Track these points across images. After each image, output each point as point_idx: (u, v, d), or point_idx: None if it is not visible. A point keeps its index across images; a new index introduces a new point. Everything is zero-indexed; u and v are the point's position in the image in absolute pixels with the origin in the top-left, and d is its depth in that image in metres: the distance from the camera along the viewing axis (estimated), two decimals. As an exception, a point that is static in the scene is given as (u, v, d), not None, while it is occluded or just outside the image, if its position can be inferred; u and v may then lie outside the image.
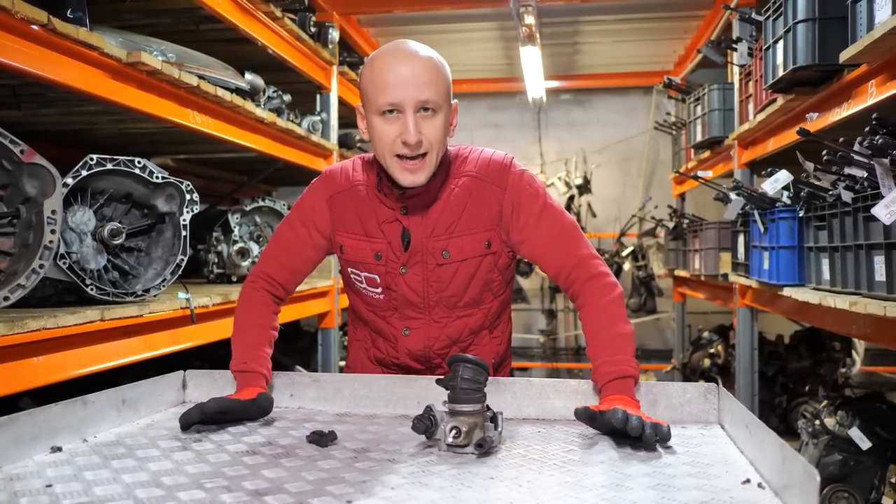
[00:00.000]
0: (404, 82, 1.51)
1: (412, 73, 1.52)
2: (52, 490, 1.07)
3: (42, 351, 1.88)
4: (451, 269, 1.66)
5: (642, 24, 5.57)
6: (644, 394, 1.54)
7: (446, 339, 1.72)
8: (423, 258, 1.66)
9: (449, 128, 1.62)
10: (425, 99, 1.53)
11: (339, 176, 1.73)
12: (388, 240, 1.66)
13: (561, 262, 1.65)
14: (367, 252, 1.68)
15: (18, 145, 1.87)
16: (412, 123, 1.52)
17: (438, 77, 1.56)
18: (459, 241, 1.65)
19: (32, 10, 1.82)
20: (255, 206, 3.54)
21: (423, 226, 1.65)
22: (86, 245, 2.21)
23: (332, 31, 4.07)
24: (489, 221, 1.65)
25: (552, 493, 1.08)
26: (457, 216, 1.65)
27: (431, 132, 1.55)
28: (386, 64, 1.54)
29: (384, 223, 1.67)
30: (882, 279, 2.18)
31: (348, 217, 1.70)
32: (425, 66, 1.54)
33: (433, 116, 1.55)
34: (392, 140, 1.54)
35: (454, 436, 1.27)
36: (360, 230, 1.69)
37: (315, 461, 1.24)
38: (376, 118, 1.56)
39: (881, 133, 2.11)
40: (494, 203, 1.65)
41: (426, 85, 1.53)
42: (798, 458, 0.97)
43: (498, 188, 1.66)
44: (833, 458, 3.06)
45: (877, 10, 2.19)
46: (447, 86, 1.59)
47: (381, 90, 1.53)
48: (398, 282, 1.68)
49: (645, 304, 6.80)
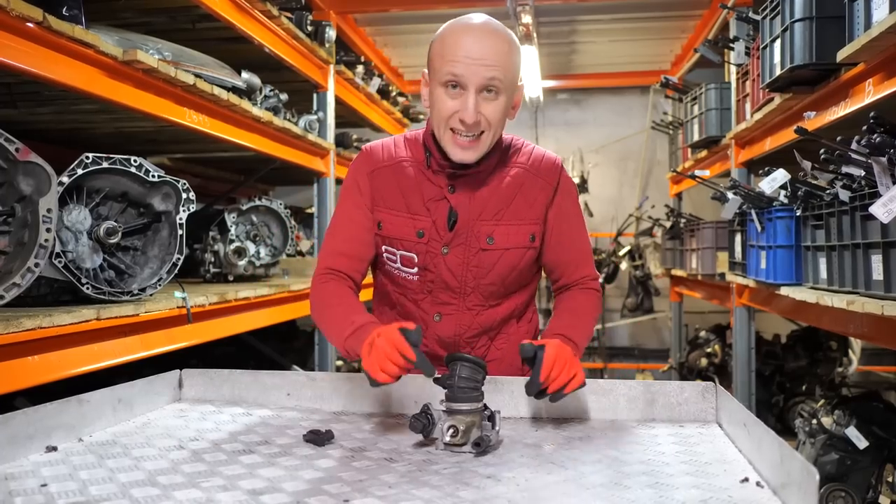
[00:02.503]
0: (472, 59, 1.50)
1: (481, 52, 1.51)
2: (48, 489, 1.07)
3: (37, 350, 1.87)
4: (493, 257, 1.64)
5: (639, 23, 5.57)
6: (642, 393, 1.54)
7: (478, 328, 1.70)
8: (466, 240, 1.63)
9: (510, 111, 1.61)
10: (491, 77, 1.51)
11: (380, 152, 1.70)
12: (433, 218, 1.63)
13: (568, 259, 1.73)
14: (408, 229, 1.64)
15: (14, 143, 1.86)
16: (472, 102, 1.51)
17: (508, 59, 1.54)
18: (506, 229, 1.64)
19: (28, 7, 1.81)
20: (252, 205, 3.53)
21: (471, 207, 1.63)
22: (81, 244, 2.20)
23: (328, 30, 4.06)
24: (536, 215, 1.67)
25: (550, 491, 1.08)
26: (505, 204, 1.64)
27: (491, 113, 1.54)
28: (459, 37, 1.54)
29: (430, 201, 1.64)
30: (879, 278, 2.18)
31: (390, 193, 1.66)
32: (495, 46, 1.53)
33: (495, 98, 1.54)
34: (450, 114, 1.54)
35: (452, 435, 1.27)
36: (402, 206, 1.65)
37: (312, 460, 1.23)
38: (439, 88, 1.55)
39: (879, 131, 2.11)
40: (543, 198, 1.67)
41: (493, 66, 1.51)
42: (797, 457, 0.97)
43: (549, 185, 1.68)
44: (830, 458, 3.06)
45: (874, 8, 2.19)
46: (515, 68, 1.58)
47: (448, 62, 1.52)
48: (438, 263, 1.64)
49: (642, 303, 6.80)
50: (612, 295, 7.26)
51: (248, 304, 3.05)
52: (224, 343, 3.38)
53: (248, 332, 3.32)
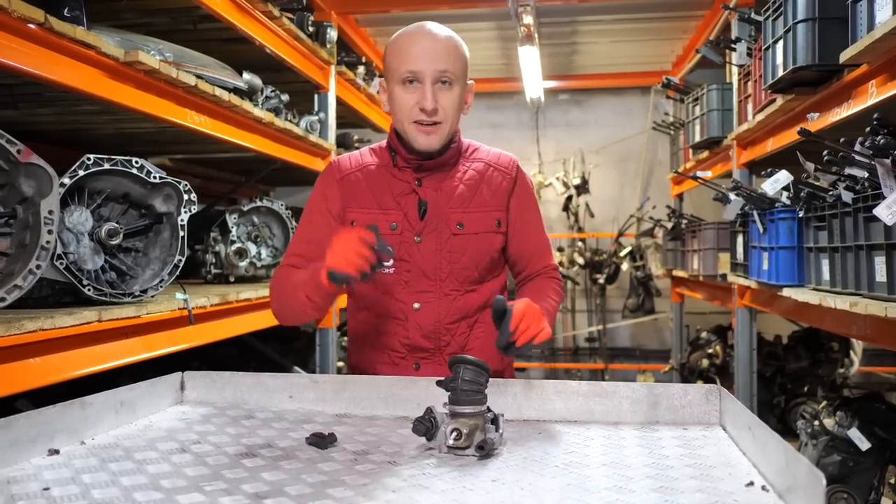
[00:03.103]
0: (424, 53, 1.67)
1: (432, 47, 1.68)
2: (50, 493, 1.06)
3: (39, 352, 1.86)
4: (464, 241, 1.75)
5: (640, 24, 5.56)
6: (645, 396, 1.53)
7: (457, 313, 1.77)
8: (437, 227, 1.75)
9: (463, 104, 1.76)
10: (443, 69, 1.67)
11: (346, 161, 1.84)
12: (403, 211, 1.75)
13: (531, 250, 1.86)
14: (381, 223, 1.73)
15: (15, 145, 1.85)
16: (430, 91, 1.67)
17: (457, 53, 1.71)
18: (474, 215, 1.77)
19: (29, 8, 1.81)
20: (253, 206, 3.53)
21: (439, 197, 1.76)
22: (83, 245, 2.20)
23: (330, 31, 4.06)
24: (499, 203, 1.80)
25: (555, 495, 1.07)
26: (471, 193, 1.78)
27: (446, 102, 1.69)
28: (410, 37, 1.71)
29: (400, 195, 1.76)
30: (883, 280, 2.17)
31: (360, 193, 1.78)
32: (445, 42, 1.70)
33: (450, 88, 1.70)
34: (411, 107, 1.69)
35: (455, 438, 1.26)
36: (373, 204, 1.77)
37: (315, 463, 1.23)
38: (397, 87, 1.70)
39: (882, 133, 2.10)
40: (505, 187, 1.82)
41: (445, 58, 1.68)
42: (802, 461, 0.96)
43: (509, 176, 1.83)
44: (832, 459, 3.05)
45: (877, 10, 2.18)
46: (464, 63, 1.73)
47: (403, 61, 1.68)
48: (412, 252, 1.74)
49: (643, 304, 6.79)
50: (613, 296, 7.25)
51: (249, 306, 3.05)
52: (225, 344, 3.38)
53: (250, 334, 3.31)
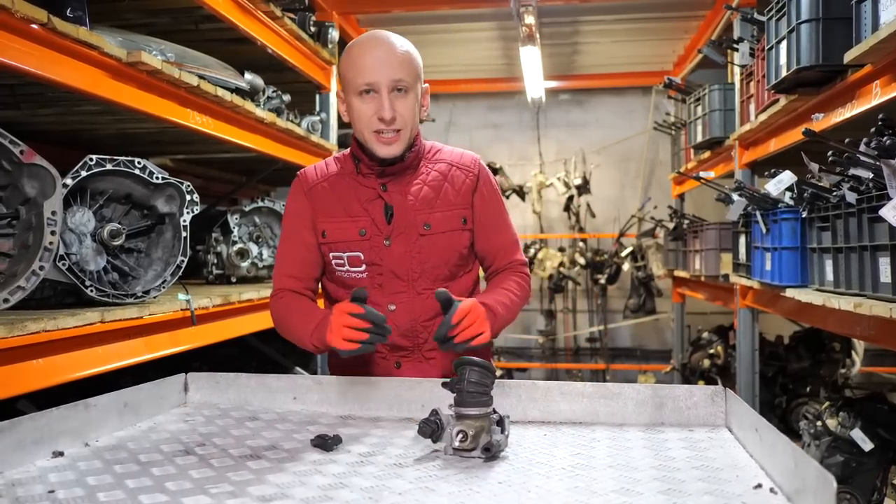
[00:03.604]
0: (379, 64, 1.69)
1: (385, 56, 1.70)
2: (55, 496, 1.06)
3: (42, 353, 1.86)
4: (432, 241, 1.79)
5: (642, 24, 5.55)
6: (651, 397, 1.53)
7: (431, 311, 1.79)
8: (405, 229, 1.78)
9: (420, 108, 1.80)
10: (398, 78, 1.70)
11: (312, 173, 1.88)
12: (371, 216, 1.78)
13: (496, 245, 1.88)
14: (350, 230, 1.79)
15: (18, 146, 1.85)
16: (387, 101, 1.69)
17: (410, 60, 1.74)
18: (440, 215, 1.80)
19: (32, 9, 1.80)
20: (255, 206, 3.52)
21: (405, 200, 1.79)
22: (85, 246, 2.19)
23: (331, 31, 4.05)
24: (464, 201, 1.83)
25: (562, 498, 1.07)
26: (435, 194, 1.81)
27: (403, 109, 1.72)
28: (363, 49, 1.73)
29: (366, 202, 1.79)
30: (888, 280, 2.17)
31: (328, 203, 1.82)
32: (397, 50, 1.72)
33: (405, 95, 1.73)
34: (369, 117, 1.71)
35: (461, 440, 1.26)
36: (341, 212, 1.80)
37: (320, 466, 1.22)
38: (355, 99, 1.72)
39: (888, 134, 2.10)
40: (468, 185, 1.84)
41: (399, 66, 1.70)
42: (811, 463, 0.96)
43: (472, 173, 1.86)
44: (835, 460, 3.05)
45: (881, 10, 2.18)
46: (417, 68, 1.76)
47: (358, 72, 1.70)
48: (383, 255, 1.78)
49: (644, 304, 6.78)
50: (614, 296, 7.25)
51: (251, 306, 3.04)
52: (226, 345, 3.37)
53: (251, 334, 3.31)
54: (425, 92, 1.82)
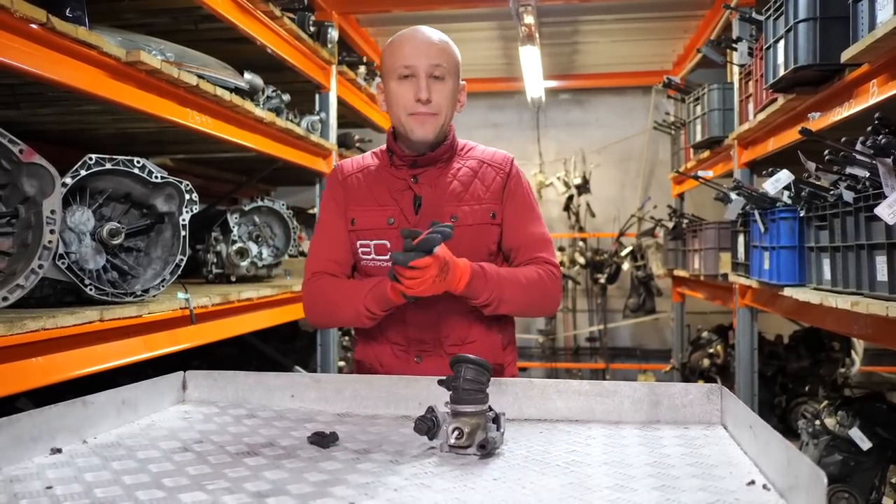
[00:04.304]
0: (418, 49, 1.76)
1: (425, 44, 1.77)
2: (53, 492, 1.07)
3: (41, 351, 1.87)
4: (459, 233, 1.74)
5: (641, 23, 5.56)
6: (647, 395, 1.53)
7: (454, 306, 1.78)
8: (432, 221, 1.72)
9: (457, 102, 1.83)
10: (436, 63, 1.75)
11: (348, 164, 1.92)
12: (400, 206, 1.81)
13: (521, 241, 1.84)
14: (379, 218, 1.81)
15: (17, 145, 1.86)
16: (424, 82, 1.74)
17: (449, 50, 1.80)
18: (468, 208, 1.81)
19: (31, 8, 1.81)
20: (254, 206, 3.53)
21: (434, 192, 1.81)
22: (85, 245, 2.20)
23: (331, 31, 4.06)
24: (493, 196, 1.84)
25: (556, 494, 1.07)
26: (465, 189, 1.83)
27: (440, 95, 1.76)
28: (404, 38, 1.80)
29: (396, 192, 1.82)
30: (884, 279, 2.17)
31: (360, 191, 1.85)
32: (436, 41, 1.78)
33: (443, 82, 1.77)
34: (407, 99, 1.75)
35: (456, 437, 1.26)
36: (371, 201, 1.83)
37: (316, 462, 1.23)
38: (393, 83, 1.77)
39: (884, 132, 2.10)
40: (499, 182, 1.85)
41: (437, 54, 1.76)
42: (804, 460, 0.97)
43: (503, 171, 1.87)
44: (833, 459, 3.05)
45: (878, 9, 2.18)
46: (456, 61, 1.81)
47: (398, 56, 1.76)
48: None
49: (644, 304, 6.79)
50: (614, 295, 7.26)
51: (250, 305, 3.05)
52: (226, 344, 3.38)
53: (251, 333, 3.32)
54: (462, 89, 1.85)
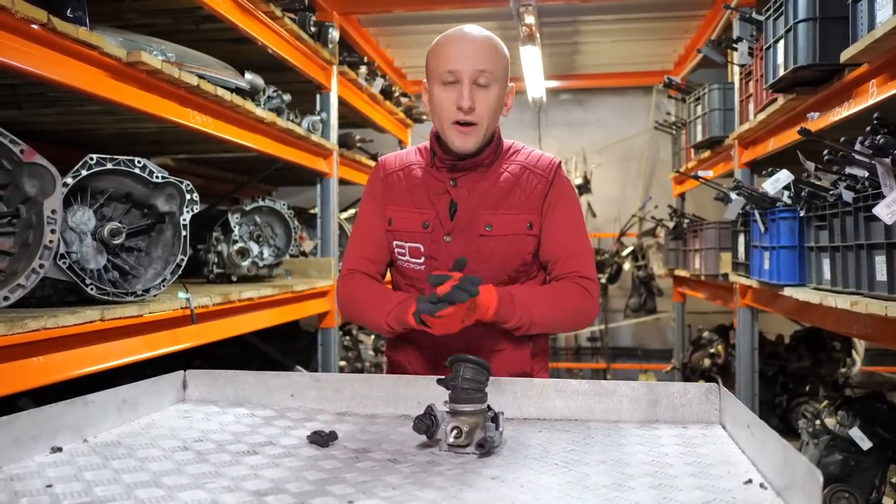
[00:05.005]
0: (463, 54, 1.68)
1: (471, 47, 1.69)
2: (53, 490, 1.07)
3: (42, 351, 1.87)
4: (492, 243, 1.74)
5: (642, 23, 5.57)
6: (645, 394, 1.54)
7: None
8: (466, 228, 1.75)
9: (502, 106, 1.76)
10: (481, 69, 1.67)
11: (392, 160, 1.88)
12: (436, 210, 1.77)
13: (559, 252, 1.77)
14: (414, 221, 1.78)
15: (18, 145, 1.86)
16: (467, 90, 1.67)
17: (496, 53, 1.71)
18: (504, 217, 1.76)
19: (32, 9, 1.82)
20: (255, 205, 3.54)
21: (471, 199, 1.76)
22: (86, 245, 2.21)
23: (332, 31, 4.07)
24: (533, 206, 1.77)
25: (554, 493, 1.08)
26: (504, 196, 1.76)
27: (484, 102, 1.69)
28: (450, 39, 1.72)
29: (434, 195, 1.78)
30: (883, 279, 2.18)
31: (399, 192, 1.82)
32: (484, 43, 1.70)
33: (488, 89, 1.69)
34: (449, 107, 1.69)
35: (455, 436, 1.27)
36: (409, 202, 1.80)
37: (316, 461, 1.24)
38: (437, 87, 1.71)
39: (882, 133, 2.11)
40: (541, 190, 1.78)
41: (484, 58, 1.68)
42: (800, 459, 0.97)
43: (546, 178, 1.79)
44: (833, 458, 3.06)
45: (878, 9, 2.19)
46: (504, 64, 1.73)
47: (442, 60, 1.69)
48: (441, 250, 1.76)
49: (645, 303, 6.79)
50: (614, 295, 7.26)
51: (251, 305, 3.06)
52: (227, 343, 3.39)
53: (252, 333, 3.32)
54: (510, 91, 1.78)
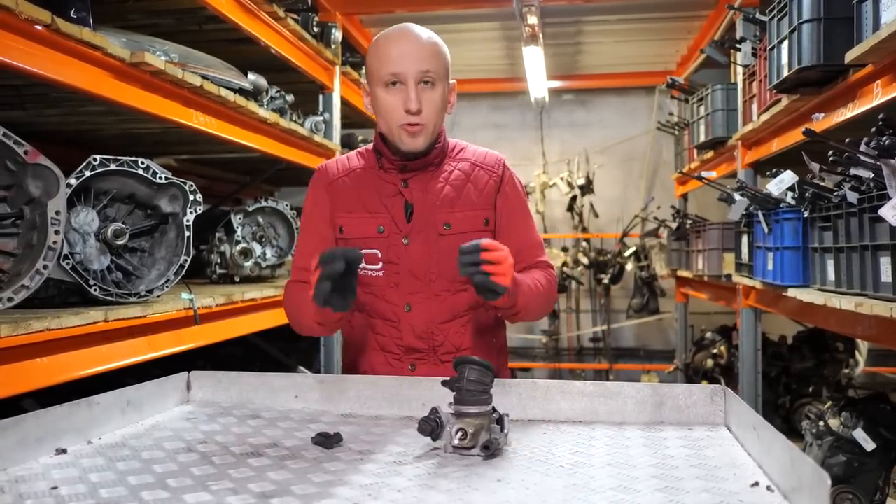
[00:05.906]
0: (406, 55, 1.66)
1: (413, 48, 1.67)
2: (58, 492, 1.07)
3: (46, 352, 1.87)
4: (452, 241, 1.71)
5: (645, 24, 5.56)
6: (650, 396, 1.53)
7: (447, 313, 1.77)
8: (425, 228, 1.74)
9: (447, 104, 1.76)
10: (425, 70, 1.67)
11: (333, 166, 1.85)
12: (390, 213, 1.75)
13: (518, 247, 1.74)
14: (369, 226, 1.75)
15: (22, 146, 1.86)
16: (413, 92, 1.66)
17: (438, 53, 1.71)
18: (461, 215, 1.76)
19: (36, 10, 1.81)
20: (258, 206, 3.54)
21: (426, 198, 1.75)
22: (89, 246, 2.21)
23: (334, 32, 4.06)
24: (486, 202, 1.79)
25: (559, 495, 1.08)
26: (457, 193, 1.77)
27: (430, 102, 1.69)
28: (390, 40, 1.70)
29: (386, 198, 1.76)
30: (888, 280, 2.17)
31: (348, 197, 1.78)
32: (425, 43, 1.70)
33: (432, 88, 1.69)
34: (396, 110, 1.67)
35: (460, 438, 1.27)
36: (360, 207, 1.77)
37: (321, 463, 1.23)
38: (380, 90, 1.69)
39: (887, 133, 2.10)
40: (492, 186, 1.80)
41: (426, 58, 1.67)
42: (807, 461, 0.97)
43: (496, 174, 1.82)
44: (837, 460, 3.05)
45: (882, 10, 2.18)
46: (445, 63, 1.73)
47: (384, 63, 1.67)
48: (400, 254, 1.74)
49: (647, 304, 6.79)
50: (617, 296, 7.25)
51: (254, 306, 3.06)
52: (230, 344, 3.39)
53: (255, 333, 3.32)
54: (452, 89, 1.78)
